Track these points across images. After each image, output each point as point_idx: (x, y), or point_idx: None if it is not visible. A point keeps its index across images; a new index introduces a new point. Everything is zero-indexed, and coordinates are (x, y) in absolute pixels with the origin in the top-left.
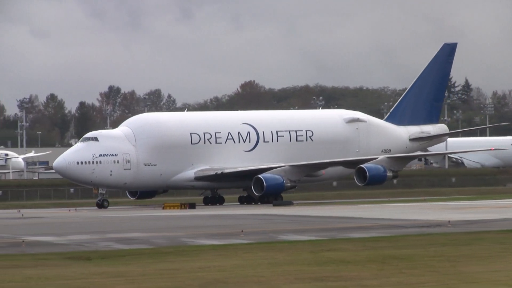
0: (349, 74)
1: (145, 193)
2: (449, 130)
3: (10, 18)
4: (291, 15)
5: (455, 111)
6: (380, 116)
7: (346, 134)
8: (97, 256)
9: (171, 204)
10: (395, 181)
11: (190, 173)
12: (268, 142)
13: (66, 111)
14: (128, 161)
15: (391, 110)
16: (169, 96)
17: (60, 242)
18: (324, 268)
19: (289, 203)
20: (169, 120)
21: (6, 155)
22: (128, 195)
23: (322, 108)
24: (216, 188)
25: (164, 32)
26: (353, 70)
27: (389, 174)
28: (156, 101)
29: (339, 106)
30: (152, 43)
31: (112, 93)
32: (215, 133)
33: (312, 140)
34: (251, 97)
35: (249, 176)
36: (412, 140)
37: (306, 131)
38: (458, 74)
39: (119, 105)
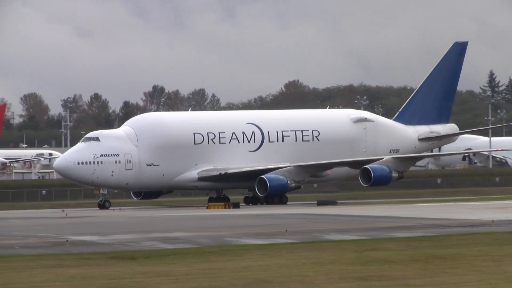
0: (393, 73)
1: (149, 193)
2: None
3: (54, 18)
4: (335, 14)
5: (499, 111)
6: None
7: (353, 134)
8: (141, 255)
9: (215, 204)
10: (439, 180)
11: (193, 173)
12: (273, 142)
13: (110, 111)
14: (130, 161)
15: (400, 110)
16: (213, 95)
17: (104, 241)
18: (367, 268)
19: (333, 203)
20: (172, 119)
21: (50, 154)
22: (132, 196)
23: (363, 109)
24: (221, 188)
25: (208, 31)
26: (397, 70)
27: (395, 175)
28: (200, 101)
29: (383, 106)
30: (196, 42)
31: (156, 93)
32: (219, 133)
33: (318, 140)
34: (295, 96)
35: (253, 177)
36: (421, 140)
37: (312, 131)
38: (502, 73)
39: (163, 104)
